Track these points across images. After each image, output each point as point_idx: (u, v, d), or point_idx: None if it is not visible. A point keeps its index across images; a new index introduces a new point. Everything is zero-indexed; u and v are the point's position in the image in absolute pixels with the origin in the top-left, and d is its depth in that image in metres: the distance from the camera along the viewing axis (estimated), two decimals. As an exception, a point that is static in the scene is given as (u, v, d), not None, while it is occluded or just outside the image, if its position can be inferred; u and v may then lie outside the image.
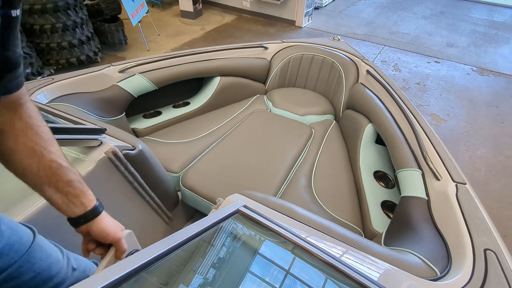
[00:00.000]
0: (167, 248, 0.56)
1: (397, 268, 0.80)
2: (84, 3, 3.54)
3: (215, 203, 0.95)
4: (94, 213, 0.65)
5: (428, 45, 4.58)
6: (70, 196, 0.63)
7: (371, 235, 1.33)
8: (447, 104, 3.31)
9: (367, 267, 0.79)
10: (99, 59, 3.64)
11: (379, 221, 1.37)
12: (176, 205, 1.57)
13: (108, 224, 0.67)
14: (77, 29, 3.26)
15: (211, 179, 1.50)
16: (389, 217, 1.39)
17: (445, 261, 0.86)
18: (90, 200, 0.65)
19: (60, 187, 0.62)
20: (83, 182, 0.65)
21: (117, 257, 0.69)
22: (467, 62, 4.16)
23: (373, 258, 0.82)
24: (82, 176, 0.66)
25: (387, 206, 1.44)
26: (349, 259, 0.81)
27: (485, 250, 0.85)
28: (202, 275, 0.68)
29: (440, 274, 0.81)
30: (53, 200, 0.62)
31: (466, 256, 0.84)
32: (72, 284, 0.66)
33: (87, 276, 0.76)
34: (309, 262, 0.74)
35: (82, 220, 0.64)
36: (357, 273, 0.66)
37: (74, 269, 0.86)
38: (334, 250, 0.82)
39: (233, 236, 0.79)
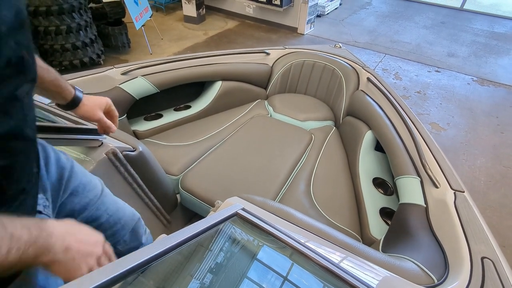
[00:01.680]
0: (165, 248, 0.57)
1: (395, 275, 0.80)
2: (89, 6, 3.58)
3: (213, 206, 0.96)
4: (74, 102, 0.86)
5: (429, 55, 4.61)
6: (54, 94, 0.82)
7: (369, 241, 1.33)
8: (447, 113, 3.32)
9: (365, 274, 0.79)
10: (102, 62, 3.67)
11: (378, 228, 1.36)
12: (174, 207, 1.57)
13: (86, 110, 0.89)
14: (81, 32, 3.29)
15: (210, 183, 1.50)
16: (387, 224, 1.39)
17: (443, 269, 0.85)
18: (69, 93, 0.84)
19: (50, 87, 0.79)
20: (62, 81, 0.82)
21: (102, 132, 0.97)
22: (467, 72, 4.19)
23: (371, 265, 0.82)
24: (61, 78, 0.82)
25: (385, 213, 1.44)
26: (347, 265, 0.80)
27: (482, 258, 0.85)
28: (199, 280, 0.68)
29: (438, 281, 0.81)
30: (48, 95, 0.83)
31: (463, 264, 0.84)
32: (132, 228, 0.99)
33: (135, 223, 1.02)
34: (307, 268, 0.74)
35: (69, 106, 0.86)
36: (356, 279, 0.66)
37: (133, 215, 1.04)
38: (332, 255, 0.82)
39: (231, 241, 0.79)
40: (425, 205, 1.14)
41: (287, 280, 0.71)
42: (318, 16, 5.68)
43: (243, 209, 0.81)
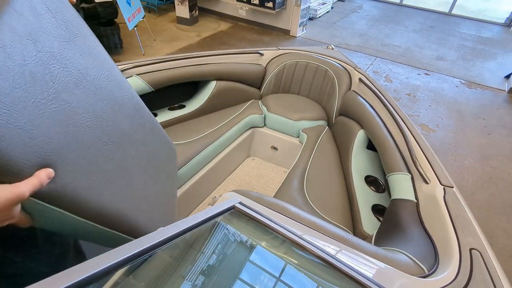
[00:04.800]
0: (166, 236, 0.58)
1: (389, 266, 0.82)
2: (81, 6, 3.56)
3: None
4: None
5: (419, 58, 4.71)
6: None
7: (361, 237, 1.35)
8: (436, 115, 3.40)
9: (359, 266, 0.81)
10: (94, 62, 3.64)
11: (370, 224, 1.39)
12: None
13: None
14: (73, 31, 3.26)
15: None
16: (379, 220, 1.42)
17: (433, 260, 0.88)
18: None
19: None
20: None
21: None
22: (455, 75, 4.29)
23: (365, 256, 0.85)
24: None
25: (377, 210, 1.47)
26: (342, 256, 0.82)
27: (470, 250, 0.88)
28: (191, 282, 0.69)
29: (428, 272, 0.84)
30: None
31: (452, 255, 0.87)
32: None
33: None
34: (300, 268, 0.75)
35: None
36: (351, 269, 0.68)
37: None
38: (327, 248, 0.84)
39: (223, 242, 0.79)
40: (416, 200, 1.17)
41: (280, 280, 0.72)
42: (310, 19, 5.75)
43: (240, 203, 0.83)
